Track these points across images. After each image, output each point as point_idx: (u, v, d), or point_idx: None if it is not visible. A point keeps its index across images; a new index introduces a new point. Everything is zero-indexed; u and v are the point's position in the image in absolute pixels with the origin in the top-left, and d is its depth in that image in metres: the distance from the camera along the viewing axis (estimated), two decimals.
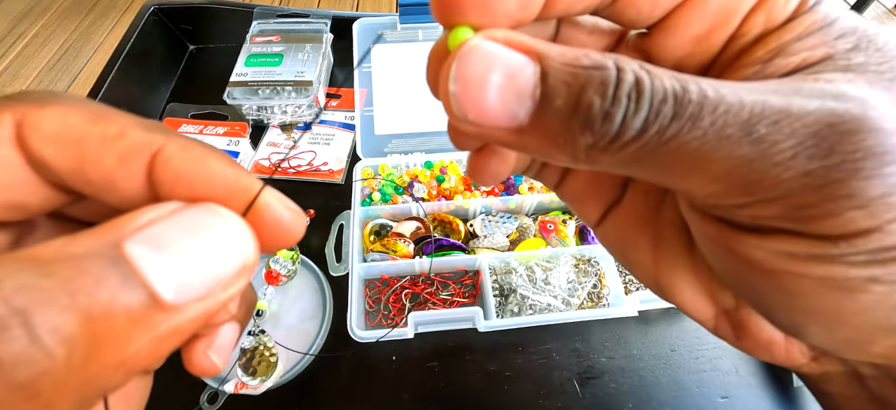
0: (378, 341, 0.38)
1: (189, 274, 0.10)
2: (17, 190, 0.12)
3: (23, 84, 1.50)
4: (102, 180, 0.12)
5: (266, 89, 0.53)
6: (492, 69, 0.11)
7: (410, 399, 0.37)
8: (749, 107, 0.10)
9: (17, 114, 0.11)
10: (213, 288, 0.10)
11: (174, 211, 0.10)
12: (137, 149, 0.11)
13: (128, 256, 0.09)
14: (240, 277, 0.11)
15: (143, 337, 0.09)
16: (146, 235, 0.09)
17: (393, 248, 0.43)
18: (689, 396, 0.38)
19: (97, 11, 1.77)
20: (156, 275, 0.09)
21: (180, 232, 0.10)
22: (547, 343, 0.40)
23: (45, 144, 0.11)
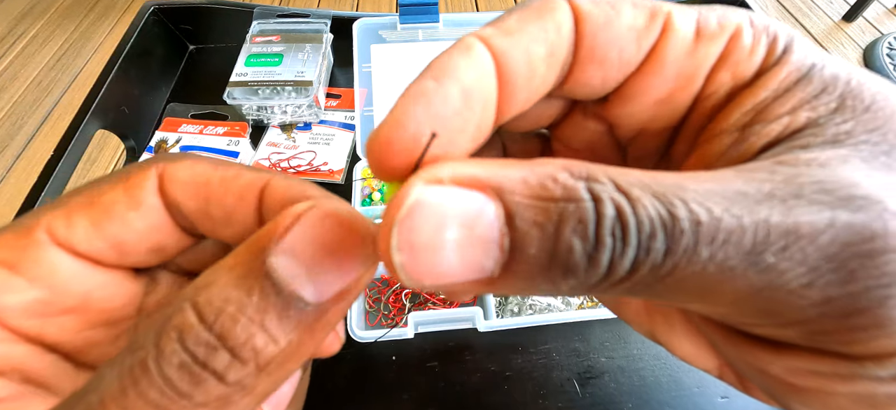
0: (377, 341, 0.38)
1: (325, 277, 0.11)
2: (159, 233, 0.14)
3: (23, 84, 1.50)
4: (222, 216, 0.13)
5: (266, 89, 0.53)
6: (444, 226, 0.09)
7: (410, 399, 0.37)
8: (751, 232, 0.09)
9: (159, 168, 0.13)
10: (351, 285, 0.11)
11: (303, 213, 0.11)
12: (251, 185, 0.13)
13: (274, 271, 0.10)
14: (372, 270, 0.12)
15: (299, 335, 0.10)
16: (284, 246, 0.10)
17: None
18: (689, 396, 0.38)
19: (97, 11, 1.77)
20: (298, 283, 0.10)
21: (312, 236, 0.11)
22: (547, 343, 0.40)
23: (180, 190, 0.13)
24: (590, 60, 0.12)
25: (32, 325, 0.13)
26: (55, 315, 0.13)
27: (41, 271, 0.13)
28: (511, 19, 0.12)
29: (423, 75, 0.11)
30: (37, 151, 1.32)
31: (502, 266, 0.09)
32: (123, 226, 0.13)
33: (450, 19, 0.52)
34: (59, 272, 0.13)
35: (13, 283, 0.12)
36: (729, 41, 0.12)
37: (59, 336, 0.13)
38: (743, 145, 0.11)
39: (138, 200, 0.13)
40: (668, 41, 0.12)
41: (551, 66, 0.12)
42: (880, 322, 0.09)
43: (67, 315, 0.14)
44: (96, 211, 0.13)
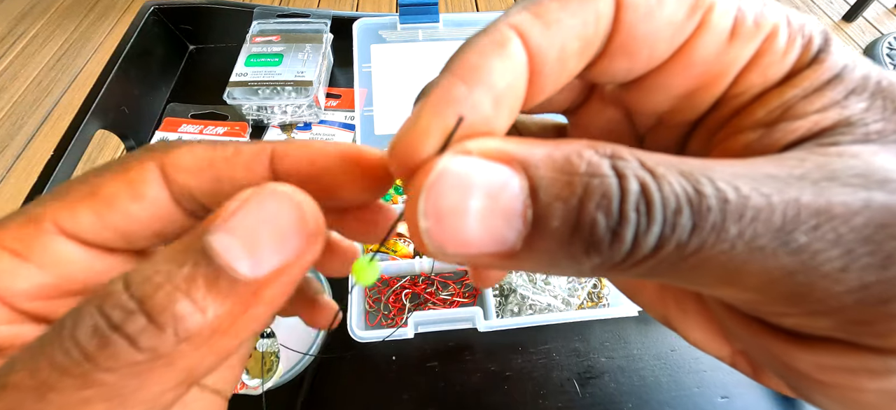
0: (378, 341, 0.38)
1: (265, 250, 0.10)
2: (164, 221, 0.14)
3: (23, 84, 1.50)
4: (234, 190, 0.13)
5: (266, 89, 0.53)
6: (469, 194, 0.09)
7: (410, 399, 0.37)
8: (781, 210, 0.08)
9: (156, 159, 0.13)
10: (290, 260, 0.11)
11: (247, 198, 0.11)
12: (256, 155, 0.13)
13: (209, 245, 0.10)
14: (311, 244, 0.11)
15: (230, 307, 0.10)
16: (224, 225, 0.10)
17: (393, 248, 0.43)
18: (689, 396, 0.38)
19: (97, 11, 1.77)
20: (232, 255, 0.10)
21: (250, 215, 0.11)
22: (547, 343, 0.40)
23: (188, 176, 0.13)
24: (621, 52, 0.12)
25: (41, 306, 0.13)
26: (64, 296, 0.14)
27: (49, 259, 0.13)
28: (551, 5, 0.11)
29: (452, 74, 0.10)
30: (37, 151, 1.32)
31: (525, 239, 0.09)
32: (127, 217, 0.13)
33: (450, 19, 0.52)
34: (66, 260, 0.13)
35: (23, 270, 0.13)
36: (763, 42, 0.12)
37: None
38: (768, 140, 0.11)
39: (141, 193, 0.13)
40: (700, 38, 0.12)
41: (582, 59, 0.12)
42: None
43: (75, 296, 0.14)
44: (99, 202, 0.13)
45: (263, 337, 0.35)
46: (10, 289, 0.13)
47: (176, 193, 0.14)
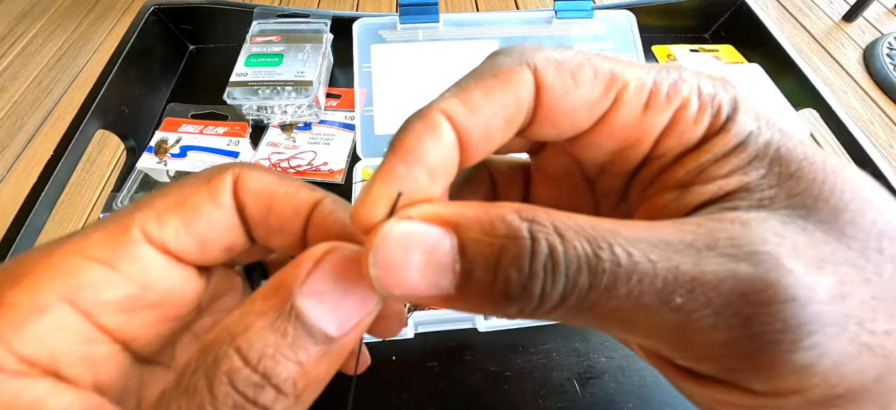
0: (378, 341, 0.38)
1: (344, 312, 0.12)
2: (232, 233, 0.15)
3: (23, 84, 1.50)
4: (278, 226, 0.15)
5: (266, 89, 0.53)
6: (410, 250, 0.11)
7: (410, 399, 0.37)
8: (662, 276, 0.10)
9: (235, 173, 0.15)
10: (361, 315, 0.13)
11: (321, 259, 0.12)
12: (306, 202, 0.15)
13: (302, 313, 0.12)
14: (379, 304, 0.13)
15: (326, 365, 0.12)
16: (308, 289, 0.12)
17: None
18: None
19: (97, 11, 1.77)
20: (324, 322, 0.12)
21: (331, 280, 0.12)
22: (547, 343, 0.40)
23: (249, 196, 0.15)
24: (546, 123, 0.14)
25: (119, 322, 0.14)
26: (140, 310, 0.14)
27: (135, 268, 0.14)
28: (476, 93, 0.13)
29: (394, 155, 0.12)
30: (37, 151, 1.32)
31: (456, 287, 0.11)
32: (208, 226, 0.15)
33: (450, 19, 0.52)
34: (149, 269, 0.14)
35: (110, 279, 0.13)
36: (675, 112, 0.13)
37: (138, 331, 0.15)
38: (682, 201, 0.13)
39: (220, 202, 0.15)
40: (617, 110, 0.13)
41: (508, 130, 0.14)
42: (774, 364, 0.10)
43: (149, 310, 0.15)
44: (186, 211, 0.14)
45: None
46: (98, 302, 0.13)
47: (238, 209, 0.15)
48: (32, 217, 0.42)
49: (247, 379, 0.11)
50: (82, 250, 0.13)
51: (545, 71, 0.13)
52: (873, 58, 1.60)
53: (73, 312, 0.13)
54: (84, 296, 0.13)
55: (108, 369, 0.14)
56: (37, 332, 0.12)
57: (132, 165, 0.50)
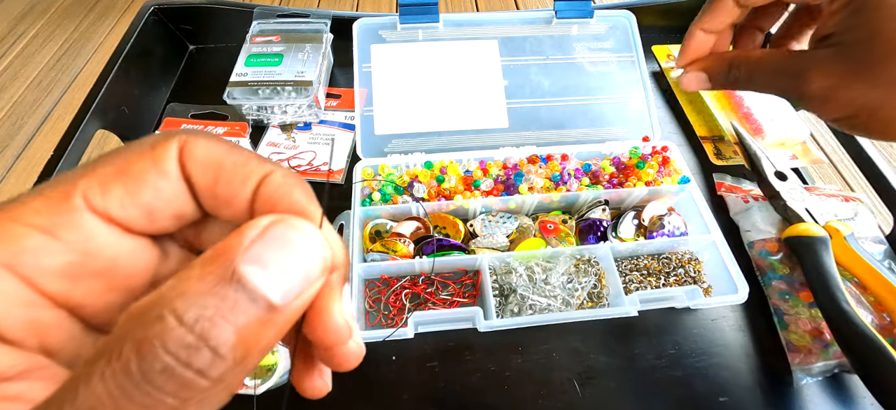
0: (378, 341, 0.38)
1: (288, 280, 0.12)
2: (179, 201, 0.15)
3: (23, 84, 1.50)
4: (225, 197, 0.15)
5: (266, 89, 0.53)
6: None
7: (410, 399, 0.37)
8: None
9: (180, 140, 0.15)
10: (305, 287, 0.13)
11: (267, 228, 0.12)
12: (255, 172, 0.15)
13: (245, 279, 0.11)
14: (323, 274, 0.13)
15: (268, 333, 0.12)
16: (252, 256, 0.12)
17: (393, 248, 0.43)
18: (689, 396, 0.38)
19: (97, 11, 1.77)
20: (267, 288, 0.12)
21: (276, 249, 0.12)
22: (547, 343, 0.40)
23: (195, 165, 0.15)
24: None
25: (62, 288, 0.14)
26: (85, 278, 0.14)
27: (77, 236, 0.13)
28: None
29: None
30: (37, 151, 1.32)
31: None
32: (153, 193, 0.14)
33: (450, 19, 0.52)
34: (93, 238, 0.14)
35: (51, 247, 0.13)
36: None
37: (84, 298, 0.14)
38: None
39: (165, 170, 0.14)
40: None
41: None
42: None
43: (95, 278, 0.14)
44: (130, 179, 0.14)
45: None
46: (38, 268, 0.13)
47: (184, 178, 0.15)
48: None
49: (180, 340, 0.10)
50: (20, 217, 0.13)
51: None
52: None
53: (12, 277, 0.13)
54: (23, 262, 0.13)
55: (56, 334, 0.14)
56: None
57: None
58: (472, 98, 0.51)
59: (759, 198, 0.47)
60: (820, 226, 0.41)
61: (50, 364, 0.14)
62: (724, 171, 0.52)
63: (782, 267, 0.42)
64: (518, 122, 0.51)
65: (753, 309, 0.42)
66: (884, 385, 0.32)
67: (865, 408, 0.37)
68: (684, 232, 0.45)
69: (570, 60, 0.54)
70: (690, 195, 0.46)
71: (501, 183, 0.47)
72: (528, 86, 0.52)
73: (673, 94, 0.60)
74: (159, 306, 0.11)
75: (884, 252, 0.43)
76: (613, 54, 0.54)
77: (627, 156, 0.49)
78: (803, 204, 0.44)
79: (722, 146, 0.54)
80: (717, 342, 0.40)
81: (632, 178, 0.47)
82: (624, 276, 0.43)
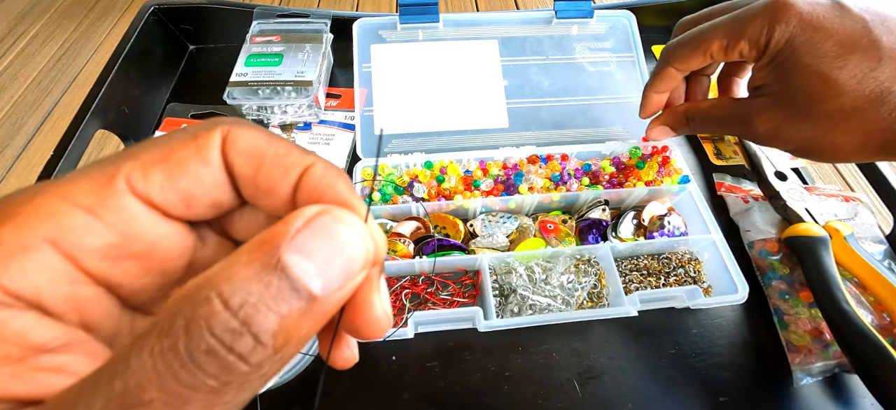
0: (378, 341, 0.38)
1: (330, 272, 0.12)
2: (219, 189, 0.15)
3: (23, 84, 1.50)
4: (266, 187, 0.15)
5: (266, 89, 0.53)
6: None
7: (410, 399, 0.37)
8: None
9: (224, 130, 0.15)
10: (347, 280, 0.13)
11: (312, 219, 0.13)
12: (297, 164, 0.15)
13: (289, 268, 0.12)
14: (364, 268, 0.13)
15: (307, 323, 0.12)
16: (296, 245, 0.12)
17: (393, 248, 0.43)
18: (689, 396, 0.38)
19: (97, 11, 1.77)
20: (309, 279, 0.12)
21: (320, 240, 0.12)
22: (547, 343, 0.40)
23: (238, 155, 0.15)
24: None
25: (103, 267, 0.14)
26: (124, 259, 0.14)
27: (119, 218, 0.14)
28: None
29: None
30: (37, 151, 1.32)
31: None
32: (194, 181, 0.15)
33: (450, 19, 0.52)
34: (134, 220, 0.14)
35: (94, 227, 0.13)
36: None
37: (122, 279, 0.15)
38: None
39: (207, 158, 0.15)
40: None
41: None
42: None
43: (133, 260, 0.15)
44: (171, 166, 0.14)
45: None
46: (81, 247, 0.13)
47: (226, 167, 0.15)
48: None
49: (225, 324, 0.11)
50: (67, 196, 0.13)
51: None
52: None
53: (57, 254, 0.13)
54: (68, 240, 0.13)
55: (95, 310, 0.14)
56: (22, 269, 0.12)
57: None
58: (472, 98, 0.51)
59: (759, 198, 0.47)
60: (820, 226, 0.41)
61: (89, 340, 0.14)
62: (724, 171, 0.52)
63: (782, 267, 0.42)
64: (518, 122, 0.51)
65: (753, 309, 0.42)
66: (884, 385, 0.32)
67: (865, 408, 0.37)
68: (684, 232, 0.45)
69: (570, 60, 0.54)
70: (690, 195, 0.46)
71: (501, 183, 0.47)
72: (528, 86, 0.52)
73: None
74: (207, 288, 0.11)
75: (884, 252, 0.43)
76: (613, 54, 0.54)
77: (627, 156, 0.49)
78: (803, 204, 0.44)
79: (722, 146, 0.54)
80: (717, 342, 0.40)
81: (632, 178, 0.47)
82: (624, 276, 0.43)
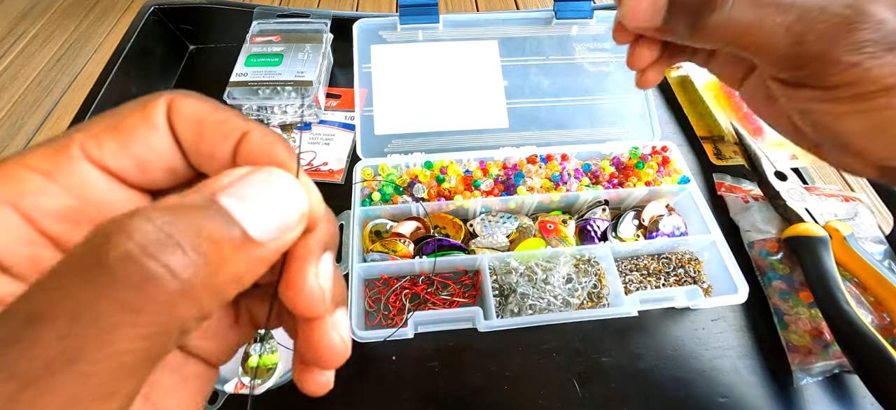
0: (378, 341, 0.38)
1: (266, 218, 0.13)
2: (171, 155, 0.16)
3: (23, 84, 1.50)
4: (208, 152, 0.16)
5: (266, 89, 0.53)
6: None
7: (410, 399, 0.37)
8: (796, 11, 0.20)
9: (168, 98, 0.16)
10: (283, 229, 0.13)
11: (246, 174, 0.13)
12: (236, 129, 0.16)
13: (224, 206, 0.12)
14: (300, 223, 0.14)
15: (242, 261, 0.12)
16: (232, 191, 0.13)
17: (393, 248, 0.43)
18: (688, 396, 0.38)
19: (97, 11, 1.77)
20: (244, 219, 0.12)
21: (256, 188, 0.13)
22: (547, 343, 0.40)
23: (181, 122, 0.16)
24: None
25: (62, 231, 0.15)
26: (83, 223, 0.15)
27: (74, 181, 0.15)
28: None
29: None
30: None
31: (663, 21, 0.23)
32: (144, 147, 0.15)
33: (450, 19, 0.52)
34: (89, 184, 0.15)
35: (50, 189, 0.14)
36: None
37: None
38: None
39: (154, 124, 0.15)
40: None
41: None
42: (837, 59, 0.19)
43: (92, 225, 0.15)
44: (121, 133, 0.15)
45: (257, 342, 0.35)
46: (38, 208, 0.14)
47: (172, 133, 0.16)
48: None
49: (147, 234, 0.10)
50: (24, 161, 0.14)
51: None
52: None
53: (16, 215, 0.14)
54: (26, 202, 0.14)
55: None
56: None
57: None
58: (472, 98, 0.51)
59: (759, 198, 0.47)
60: (820, 226, 0.41)
61: None
62: (724, 171, 0.52)
63: (782, 267, 0.42)
64: (518, 123, 0.51)
65: (753, 309, 0.42)
66: (884, 385, 0.32)
67: (865, 408, 0.37)
68: (684, 232, 0.45)
69: (569, 60, 0.54)
70: (690, 195, 0.46)
71: (501, 183, 0.47)
72: (528, 86, 0.52)
73: (673, 94, 0.60)
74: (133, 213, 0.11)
75: (884, 252, 0.43)
76: (613, 54, 0.54)
77: (627, 156, 0.49)
78: (803, 204, 0.44)
79: (722, 146, 0.54)
80: (717, 342, 0.40)
81: (632, 178, 0.47)
82: (624, 276, 0.43)
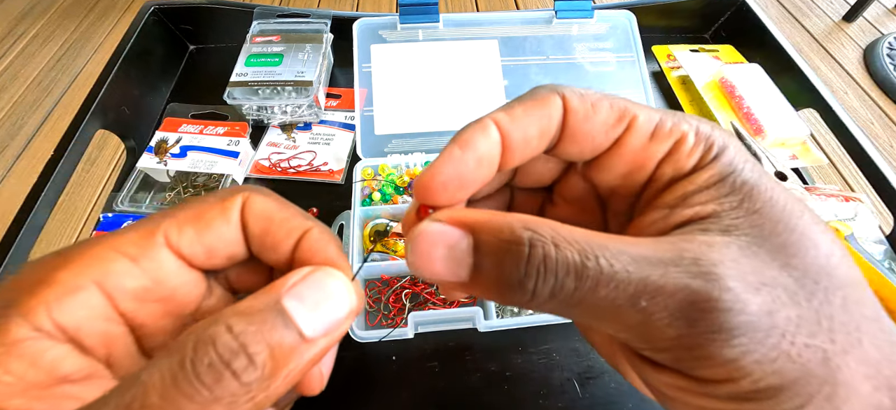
0: (379, 341, 0.38)
1: (320, 318, 0.15)
2: (235, 245, 0.18)
3: (23, 84, 1.50)
4: (272, 244, 0.18)
5: (266, 89, 0.53)
6: (436, 246, 0.15)
7: (410, 399, 0.37)
8: (635, 283, 0.13)
9: (244, 196, 0.18)
10: (333, 328, 0.15)
11: (308, 274, 0.15)
12: (298, 228, 0.18)
13: (285, 308, 0.14)
14: (349, 319, 0.16)
15: (296, 360, 0.14)
16: (294, 293, 0.15)
17: (393, 248, 0.43)
18: None
19: (97, 11, 1.77)
20: (301, 320, 0.14)
21: (313, 290, 0.15)
22: (547, 343, 0.40)
23: (253, 217, 0.18)
24: (571, 140, 0.17)
25: (132, 308, 0.17)
26: (150, 302, 0.17)
27: (153, 265, 0.17)
28: (518, 108, 0.17)
29: (452, 144, 0.17)
30: (37, 151, 1.32)
31: (470, 276, 0.15)
32: (217, 237, 0.18)
33: (450, 19, 0.52)
34: (164, 267, 0.17)
35: (132, 271, 0.16)
36: (675, 144, 0.17)
37: (146, 319, 0.17)
38: (667, 220, 0.16)
39: (229, 219, 0.18)
40: (628, 136, 0.17)
41: (542, 140, 0.17)
42: (710, 355, 0.13)
43: (158, 303, 0.17)
44: (201, 224, 0.17)
45: None
46: (119, 288, 0.16)
47: (243, 226, 0.18)
48: (33, 216, 0.42)
49: (227, 344, 0.13)
50: (116, 246, 0.16)
51: (571, 98, 0.17)
52: (873, 58, 1.60)
53: (100, 293, 0.16)
54: (110, 282, 0.16)
55: (120, 348, 0.17)
56: (71, 305, 0.15)
57: (132, 165, 0.50)
58: (473, 98, 0.51)
59: None
60: None
61: (108, 375, 0.16)
62: None
63: None
64: None
65: None
66: None
67: None
68: None
69: (570, 60, 0.54)
70: None
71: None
72: (529, 85, 0.52)
73: (673, 94, 0.60)
74: (216, 321, 0.13)
75: (884, 252, 0.43)
76: (613, 54, 0.54)
77: None
78: None
79: None
80: None
81: None
82: None
